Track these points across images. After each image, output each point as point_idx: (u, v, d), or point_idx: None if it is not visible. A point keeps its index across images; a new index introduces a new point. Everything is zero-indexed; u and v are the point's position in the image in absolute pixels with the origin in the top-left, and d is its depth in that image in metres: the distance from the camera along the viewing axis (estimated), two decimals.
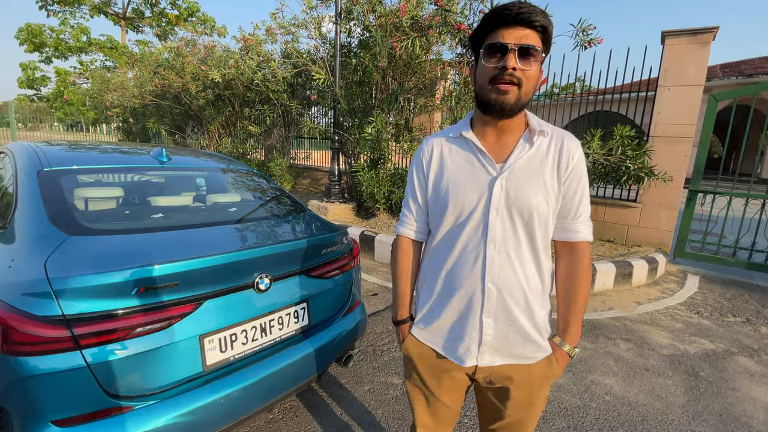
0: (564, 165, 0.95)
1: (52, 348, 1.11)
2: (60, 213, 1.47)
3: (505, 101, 0.89)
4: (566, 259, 1.02)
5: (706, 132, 4.47)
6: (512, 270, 0.95)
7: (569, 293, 1.02)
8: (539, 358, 1.01)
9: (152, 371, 1.27)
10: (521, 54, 0.86)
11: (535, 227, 0.94)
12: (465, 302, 0.99)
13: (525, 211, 0.93)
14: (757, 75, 12.67)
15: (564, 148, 0.95)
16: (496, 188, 0.93)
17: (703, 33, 4.22)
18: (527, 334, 0.99)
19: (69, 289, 1.15)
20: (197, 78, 7.59)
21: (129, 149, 2.32)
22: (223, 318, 1.43)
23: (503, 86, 0.88)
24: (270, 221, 1.90)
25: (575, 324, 1.02)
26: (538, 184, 0.93)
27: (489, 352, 0.99)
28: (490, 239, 0.94)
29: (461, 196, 0.97)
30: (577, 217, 0.99)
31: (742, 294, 4.01)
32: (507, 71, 0.86)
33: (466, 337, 1.00)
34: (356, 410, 2.07)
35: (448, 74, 5.53)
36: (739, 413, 2.20)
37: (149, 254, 1.34)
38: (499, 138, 0.98)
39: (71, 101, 19.73)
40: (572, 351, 1.03)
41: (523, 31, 0.86)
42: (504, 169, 0.94)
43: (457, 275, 1.00)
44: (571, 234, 1.00)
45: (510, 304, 0.96)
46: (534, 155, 0.95)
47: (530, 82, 0.89)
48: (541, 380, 1.03)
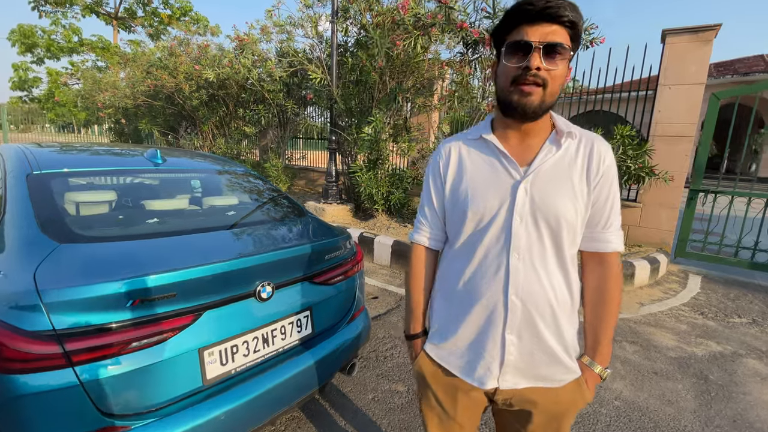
0: (594, 169, 0.88)
1: (42, 365, 1.03)
2: (50, 219, 1.39)
3: (528, 103, 0.82)
4: (595, 271, 0.95)
5: (708, 131, 4.45)
6: (538, 281, 0.87)
7: (599, 308, 0.94)
8: (567, 380, 0.93)
9: (149, 388, 1.19)
10: (546, 52, 0.79)
11: (563, 235, 0.87)
12: (485, 316, 0.91)
13: (552, 218, 0.86)
14: (752, 73, 12.73)
15: (594, 151, 0.88)
16: (519, 193, 0.87)
17: (704, 31, 4.19)
18: (554, 353, 0.91)
19: (60, 302, 1.07)
20: (191, 78, 7.46)
21: (122, 151, 2.23)
22: (223, 329, 1.35)
23: (526, 87, 0.81)
24: (270, 226, 1.83)
25: (606, 342, 0.95)
26: (566, 188, 0.87)
27: (512, 374, 0.91)
28: (514, 248, 0.87)
29: (481, 201, 0.90)
30: (608, 226, 0.92)
31: (746, 294, 3.99)
32: (530, 71, 0.80)
33: (486, 355, 0.92)
34: (361, 420, 2.00)
35: (446, 74, 5.47)
36: (753, 418, 2.15)
37: (145, 263, 1.26)
38: (523, 141, 0.91)
39: (62, 102, 19.45)
40: (604, 372, 0.95)
41: (549, 27, 0.79)
42: (528, 172, 0.87)
43: (476, 286, 0.92)
44: (601, 244, 0.93)
45: (536, 320, 0.88)
46: (561, 158, 0.88)
47: (556, 82, 0.82)
48: (568, 405, 0.95)
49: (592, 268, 0.96)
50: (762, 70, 12.93)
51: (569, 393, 0.93)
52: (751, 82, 12.31)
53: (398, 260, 4.39)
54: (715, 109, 4.38)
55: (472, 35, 4.22)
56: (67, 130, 19.80)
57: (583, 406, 0.96)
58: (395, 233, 4.92)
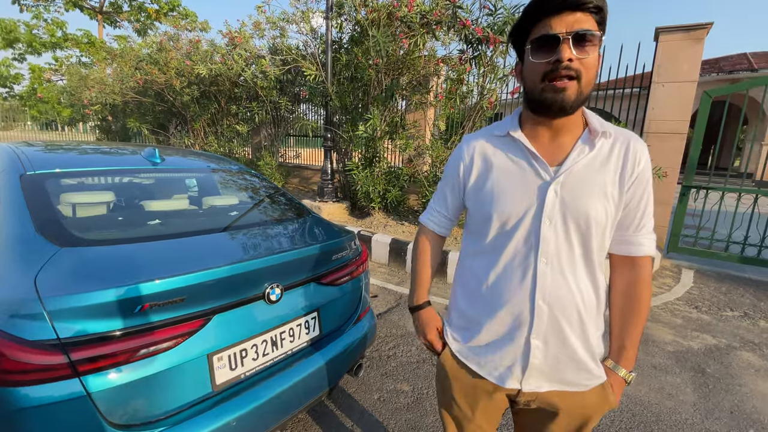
0: (629, 171, 0.84)
1: (46, 376, 0.99)
2: (48, 222, 1.34)
3: (564, 99, 0.78)
4: (625, 275, 0.92)
5: (699, 128, 4.51)
6: (566, 286, 0.85)
7: (627, 312, 0.92)
8: (593, 385, 0.91)
9: (158, 396, 1.15)
10: (576, 41, 0.75)
11: (592, 238, 0.84)
12: (510, 321, 0.89)
13: (582, 221, 0.83)
14: (736, 71, 12.97)
15: (630, 151, 0.84)
16: (549, 195, 0.83)
17: (696, 29, 4.24)
18: (580, 359, 0.88)
19: (64, 310, 1.03)
20: (182, 73, 7.33)
21: (118, 149, 2.17)
22: (232, 333, 1.32)
23: (559, 83, 0.77)
24: (276, 226, 1.79)
25: (632, 346, 0.92)
26: (598, 190, 0.83)
27: (536, 377, 0.89)
28: (542, 252, 0.84)
29: (508, 203, 0.87)
30: (639, 228, 0.89)
31: (737, 288, 4.07)
32: (562, 64, 0.75)
33: (510, 358, 0.90)
34: (367, 421, 1.99)
35: (441, 71, 5.45)
36: (750, 409, 2.19)
37: (151, 267, 1.22)
38: (554, 139, 0.87)
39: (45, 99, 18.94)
40: (628, 376, 0.93)
41: (574, 15, 0.75)
42: (559, 173, 0.84)
43: (501, 290, 0.89)
44: (632, 247, 0.90)
45: (563, 325, 0.86)
46: (594, 159, 0.84)
47: (590, 72, 0.78)
48: (594, 409, 0.92)
49: (621, 271, 0.93)
50: (746, 68, 13.18)
51: (595, 397, 0.91)
52: (735, 80, 12.55)
53: (396, 258, 4.37)
54: (707, 107, 4.44)
55: (475, 33, 4.20)
56: (51, 128, 19.31)
57: (607, 411, 0.94)
58: (392, 231, 4.90)
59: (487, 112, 4.81)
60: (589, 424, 0.94)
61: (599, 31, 0.77)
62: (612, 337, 0.96)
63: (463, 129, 5.02)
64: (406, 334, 2.87)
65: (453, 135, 5.15)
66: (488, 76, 4.61)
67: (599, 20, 0.78)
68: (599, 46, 0.79)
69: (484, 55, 4.47)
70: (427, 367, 2.47)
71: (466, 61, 4.56)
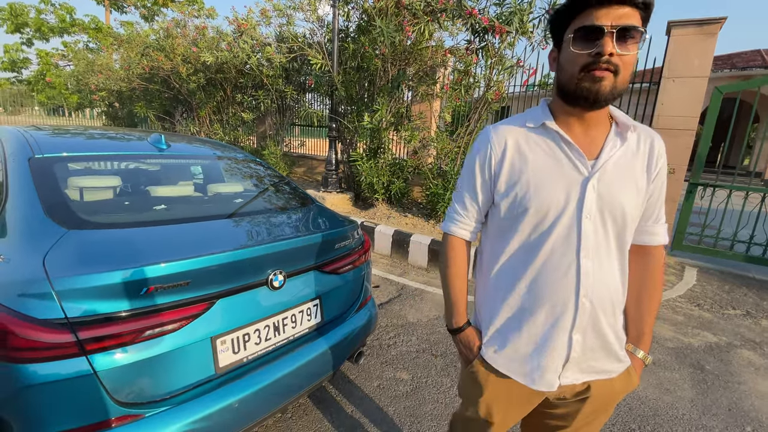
0: (654, 165, 0.87)
1: (55, 354, 1.02)
2: (56, 204, 1.36)
3: (601, 90, 0.76)
4: (641, 263, 0.95)
5: (709, 125, 4.45)
6: (604, 280, 0.85)
7: (643, 299, 0.96)
8: (620, 371, 0.93)
9: (163, 376, 1.18)
10: (619, 37, 0.74)
11: (627, 232, 0.86)
12: (552, 319, 0.87)
13: (619, 216, 0.83)
14: (749, 68, 12.73)
15: (654, 147, 0.87)
16: (589, 190, 0.82)
17: (709, 24, 4.16)
18: (612, 347, 0.90)
19: (72, 290, 1.05)
20: (188, 60, 7.31)
21: (125, 135, 2.18)
22: (235, 318, 1.34)
23: (598, 72, 0.75)
24: (280, 214, 1.81)
25: (648, 330, 0.97)
26: (631, 184, 0.84)
27: (572, 370, 0.89)
28: (584, 248, 0.83)
29: (546, 197, 0.84)
30: (657, 219, 0.93)
31: (740, 287, 4.05)
32: (602, 58, 0.74)
33: (554, 361, 0.87)
34: (367, 407, 2.02)
35: (448, 61, 5.40)
36: (748, 407, 2.20)
37: (157, 251, 1.24)
38: (587, 132, 0.86)
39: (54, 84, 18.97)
40: (646, 357, 0.98)
41: (621, 9, 0.73)
42: (596, 168, 0.83)
43: (541, 289, 0.86)
44: (650, 237, 0.94)
45: (600, 317, 0.86)
46: (625, 153, 0.85)
47: (627, 69, 0.77)
48: (619, 394, 0.95)
49: (637, 260, 0.95)
50: (759, 65, 12.93)
51: (621, 382, 0.94)
52: (748, 77, 12.33)
53: (398, 250, 4.39)
54: (718, 103, 4.38)
55: (481, 22, 4.14)
56: (58, 114, 19.40)
57: (629, 392, 0.99)
58: (395, 223, 4.91)
59: (493, 105, 4.77)
60: (611, 407, 0.98)
61: (643, 29, 0.76)
62: (629, 322, 0.98)
63: (469, 121, 4.99)
64: (406, 324, 2.89)
65: (459, 127, 5.12)
66: (495, 68, 4.57)
67: (644, 17, 0.76)
68: (639, 44, 0.77)
69: (491, 45, 4.42)
70: (427, 356, 2.50)
71: (473, 52, 4.51)
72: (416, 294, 3.48)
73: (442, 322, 2.96)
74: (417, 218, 5.10)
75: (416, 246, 4.21)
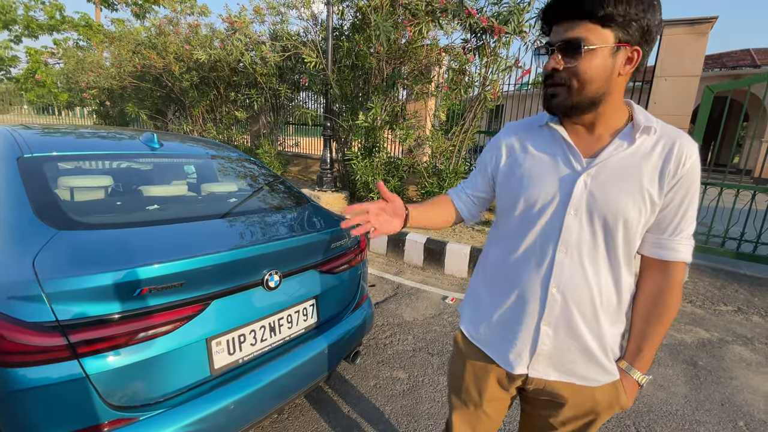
0: (671, 171, 0.79)
1: (45, 358, 1.00)
2: (46, 205, 1.33)
3: (554, 105, 0.82)
4: (655, 279, 0.88)
5: (701, 123, 4.49)
6: (584, 279, 0.84)
7: (651, 317, 0.88)
8: (604, 381, 0.90)
9: (157, 378, 1.17)
10: (566, 50, 0.77)
11: (619, 236, 0.82)
12: (521, 305, 0.90)
13: (610, 217, 0.81)
14: (739, 67, 12.90)
15: (675, 150, 0.79)
16: (578, 185, 0.82)
17: (700, 23, 4.20)
18: (592, 354, 0.88)
19: (63, 292, 1.03)
20: (180, 59, 7.23)
21: (117, 134, 2.15)
22: (231, 318, 1.33)
23: (549, 89, 0.82)
24: (275, 213, 1.79)
25: (648, 350, 0.90)
26: (632, 188, 0.80)
27: (544, 364, 0.90)
28: (562, 242, 0.84)
29: (536, 188, 0.87)
30: (677, 233, 0.83)
31: (732, 283, 4.10)
32: (548, 73, 0.80)
33: (519, 343, 0.91)
34: (364, 407, 2.01)
35: (443, 60, 5.40)
36: (740, 402, 2.23)
37: (150, 251, 1.22)
38: (592, 131, 0.85)
39: (43, 82, 18.68)
40: (642, 379, 0.90)
41: (570, 24, 0.76)
42: (592, 165, 0.82)
43: (517, 274, 0.90)
44: (665, 252, 0.84)
45: (575, 316, 0.85)
46: (632, 155, 0.81)
47: (581, 78, 0.77)
48: (603, 407, 0.91)
49: (651, 275, 0.89)
50: (748, 65, 13.11)
51: (605, 395, 0.90)
52: (738, 76, 12.48)
53: (394, 249, 4.38)
54: (709, 102, 4.42)
55: (479, 22, 4.14)
56: (48, 112, 19.13)
57: (619, 411, 0.93)
58: None
59: (489, 104, 4.78)
60: (597, 421, 0.94)
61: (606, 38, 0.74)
62: (630, 338, 0.93)
63: (464, 120, 4.99)
64: (402, 323, 2.89)
65: (453, 126, 5.12)
66: (491, 67, 4.57)
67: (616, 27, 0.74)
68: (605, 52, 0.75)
69: (487, 45, 4.42)
70: (423, 355, 2.50)
71: (470, 51, 4.51)
72: (412, 293, 3.47)
73: (438, 321, 2.96)
74: None
75: (412, 245, 4.21)
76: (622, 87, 0.82)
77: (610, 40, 0.75)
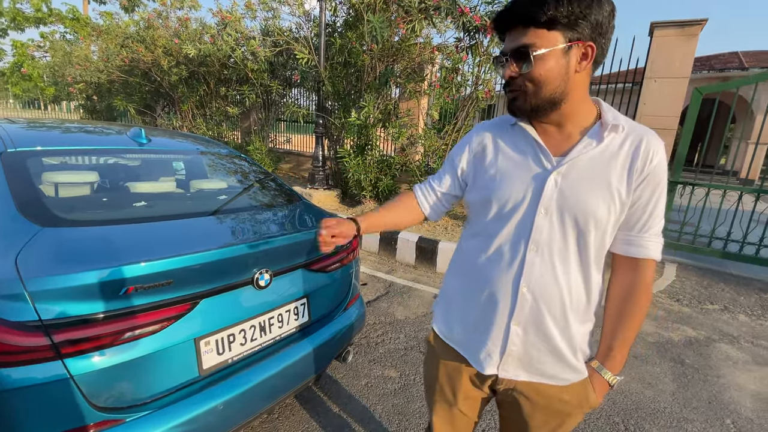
0: (639, 168, 0.80)
1: (28, 358, 0.97)
2: (30, 201, 1.30)
3: (516, 108, 0.85)
4: (625, 277, 0.88)
5: (689, 125, 4.55)
6: (554, 279, 0.84)
7: (622, 316, 0.89)
8: (573, 380, 0.90)
9: (143, 379, 1.14)
10: (516, 58, 0.79)
11: (589, 235, 0.82)
12: (492, 304, 0.89)
13: (580, 216, 0.81)
14: (727, 69, 13.12)
15: (642, 148, 0.80)
16: (548, 184, 0.82)
17: (690, 25, 4.26)
18: (561, 353, 0.88)
19: (46, 291, 1.00)
20: (169, 53, 7.12)
21: (104, 129, 2.10)
22: (220, 318, 1.31)
23: (509, 94, 0.85)
24: (266, 211, 1.77)
25: (620, 350, 0.90)
26: (601, 187, 0.80)
27: (513, 365, 0.90)
28: (533, 241, 0.84)
29: (507, 188, 0.87)
30: (645, 230, 0.84)
31: (718, 282, 4.17)
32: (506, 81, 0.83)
33: (489, 343, 0.90)
34: (355, 406, 2.01)
35: (436, 59, 5.40)
36: (727, 400, 2.27)
37: (137, 249, 1.20)
38: (561, 129, 0.86)
39: (30, 76, 18.25)
40: (613, 379, 0.91)
41: (518, 31, 0.78)
42: (562, 163, 0.82)
43: (488, 273, 0.89)
44: (635, 249, 0.85)
45: (545, 316, 0.85)
46: (601, 153, 0.81)
47: (538, 82, 0.79)
48: (573, 406, 0.91)
49: (621, 273, 0.89)
50: (736, 67, 13.34)
51: (574, 394, 0.91)
52: (726, 78, 12.70)
53: (386, 247, 4.37)
54: (697, 104, 4.48)
55: (473, 21, 4.14)
56: (33, 107, 18.72)
57: (588, 410, 0.93)
58: None
59: (481, 103, 4.79)
60: (569, 421, 0.94)
61: (544, 46, 0.75)
62: (602, 338, 0.93)
63: (457, 119, 5.00)
64: (394, 322, 2.89)
65: (446, 125, 5.12)
66: (484, 66, 4.58)
67: (565, 26, 0.74)
68: (557, 54, 0.76)
69: (480, 44, 4.43)
70: (415, 354, 2.50)
71: (463, 50, 4.52)
72: (404, 291, 3.47)
73: (430, 319, 2.96)
74: None
75: (404, 243, 4.21)
76: (584, 83, 0.82)
77: (559, 42, 0.75)
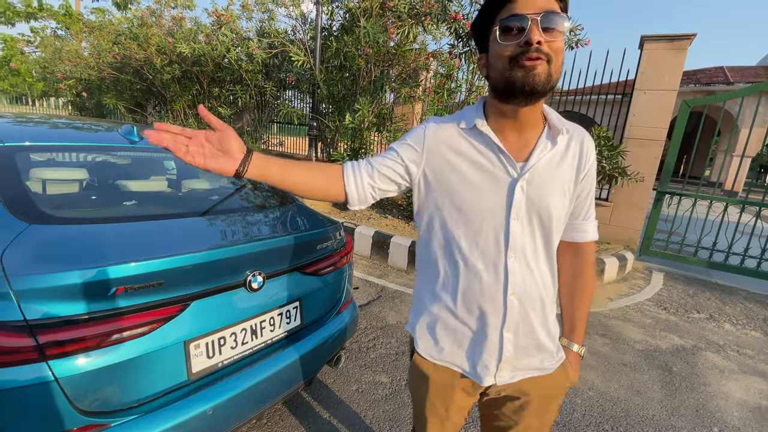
0: (583, 166, 0.88)
1: (12, 359, 0.94)
2: (17, 197, 1.26)
3: (536, 79, 0.72)
4: (572, 260, 0.99)
5: (677, 136, 4.65)
6: (532, 279, 0.86)
7: (576, 294, 0.99)
8: (556, 366, 0.95)
9: (130, 383, 1.11)
10: (544, 23, 0.71)
11: (553, 232, 0.86)
12: (483, 317, 0.87)
13: (545, 216, 0.84)
14: (713, 83, 13.46)
15: (584, 147, 0.88)
16: (517, 192, 0.82)
17: (680, 39, 4.35)
18: (543, 344, 0.92)
19: (32, 290, 0.97)
20: (162, 51, 7.05)
21: (94, 125, 2.06)
22: (211, 321, 1.28)
23: (529, 62, 0.72)
24: (259, 212, 1.75)
25: (581, 324, 1.01)
26: (558, 186, 0.85)
27: (508, 369, 0.90)
28: (511, 248, 0.84)
29: (477, 201, 0.84)
30: (587, 217, 0.95)
31: (704, 291, 4.25)
32: (531, 47, 0.71)
33: (485, 354, 0.89)
34: (345, 412, 1.98)
35: (431, 65, 5.44)
36: (714, 408, 2.29)
37: (127, 249, 1.17)
38: (520, 135, 0.85)
39: (18, 70, 17.89)
40: (581, 350, 1.02)
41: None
42: (525, 170, 0.82)
43: (472, 288, 0.87)
44: (579, 234, 0.96)
45: (530, 315, 0.88)
46: (555, 155, 0.85)
47: (559, 57, 0.74)
48: (558, 389, 0.98)
49: (568, 257, 0.99)
50: (722, 81, 13.70)
51: (557, 378, 0.96)
52: (711, 92, 13.02)
53: (378, 251, 4.36)
54: (685, 116, 4.58)
55: (464, 27, 4.19)
56: (21, 102, 18.34)
57: (570, 387, 1.00)
58: (375, 224, 4.88)
59: None
60: (555, 403, 0.99)
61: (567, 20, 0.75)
62: (564, 317, 1.04)
63: None
64: (386, 326, 2.87)
65: None
66: (477, 73, 4.62)
67: (563, 8, 0.76)
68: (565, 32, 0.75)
69: (474, 51, 4.47)
70: (406, 359, 2.48)
71: (456, 56, 4.56)
72: (396, 296, 3.46)
73: None
74: (397, 220, 5.09)
75: (396, 247, 4.20)
76: None
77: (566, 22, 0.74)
